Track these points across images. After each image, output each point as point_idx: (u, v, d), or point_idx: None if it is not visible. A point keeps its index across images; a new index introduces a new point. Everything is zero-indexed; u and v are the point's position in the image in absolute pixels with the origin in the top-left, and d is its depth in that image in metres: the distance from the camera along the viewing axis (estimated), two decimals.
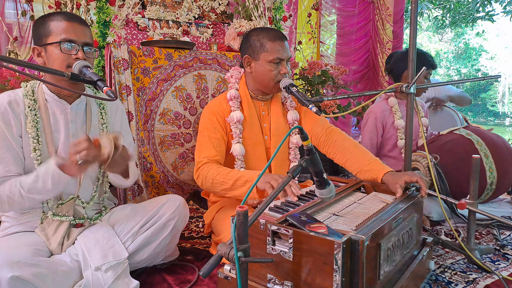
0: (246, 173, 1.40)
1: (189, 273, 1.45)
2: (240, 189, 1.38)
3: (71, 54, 1.20)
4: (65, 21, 1.20)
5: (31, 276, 1.02)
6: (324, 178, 1.11)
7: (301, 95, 1.46)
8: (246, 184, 1.37)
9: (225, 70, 2.27)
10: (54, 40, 1.19)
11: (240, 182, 1.38)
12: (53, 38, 1.19)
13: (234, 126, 1.56)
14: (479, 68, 15.68)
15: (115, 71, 1.89)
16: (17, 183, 1.15)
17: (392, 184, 1.31)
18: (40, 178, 1.12)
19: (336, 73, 2.92)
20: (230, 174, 1.41)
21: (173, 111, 2.11)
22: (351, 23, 3.68)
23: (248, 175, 1.38)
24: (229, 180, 1.40)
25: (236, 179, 1.38)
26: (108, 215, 1.40)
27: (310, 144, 1.04)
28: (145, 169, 2.04)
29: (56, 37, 1.19)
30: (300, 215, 1.06)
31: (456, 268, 1.44)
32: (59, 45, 1.18)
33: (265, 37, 1.53)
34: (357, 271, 0.92)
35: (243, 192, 1.37)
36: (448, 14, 8.79)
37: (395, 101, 2.25)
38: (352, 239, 0.91)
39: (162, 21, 2.51)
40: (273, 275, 1.03)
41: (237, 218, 0.86)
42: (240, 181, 1.38)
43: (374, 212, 1.16)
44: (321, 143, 1.61)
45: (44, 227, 1.25)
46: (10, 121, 1.19)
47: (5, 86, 1.63)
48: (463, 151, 1.96)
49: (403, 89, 1.52)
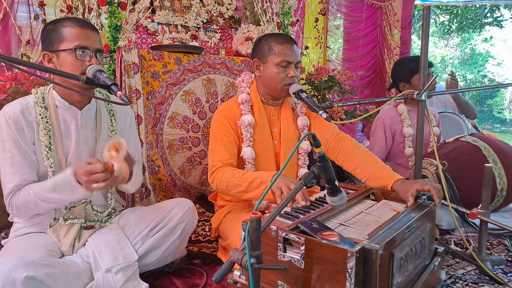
0: (261, 175, 1.39)
1: (197, 277, 1.44)
2: (255, 191, 1.38)
3: (84, 61, 1.21)
4: (77, 27, 1.22)
5: (45, 276, 1.03)
6: (336, 186, 1.10)
7: (311, 101, 1.46)
8: (261, 186, 1.36)
9: (233, 74, 2.28)
10: (67, 46, 1.20)
11: (255, 184, 1.38)
12: (67, 45, 1.20)
13: (245, 129, 1.57)
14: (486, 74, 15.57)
15: (125, 74, 1.91)
16: (31, 192, 1.16)
17: (403, 192, 1.30)
18: (58, 190, 1.13)
19: (343, 79, 2.92)
20: (245, 176, 1.40)
21: (182, 115, 2.12)
22: (358, 28, 3.68)
23: (262, 177, 1.37)
24: (243, 183, 1.39)
25: (251, 181, 1.38)
26: (117, 217, 1.40)
27: (323, 151, 1.04)
28: (153, 172, 2.05)
29: (70, 43, 1.20)
30: (311, 222, 1.06)
31: (468, 279, 1.43)
32: (74, 51, 1.19)
33: (274, 40, 1.54)
34: (369, 281, 0.91)
35: (258, 194, 1.37)
36: (455, 19, 8.77)
37: (405, 108, 2.24)
38: (365, 248, 0.91)
39: (171, 26, 2.53)
40: (284, 282, 1.03)
41: (250, 224, 0.86)
42: (255, 183, 1.38)
43: (386, 221, 1.16)
44: (330, 149, 1.61)
45: (55, 228, 1.26)
46: (24, 129, 1.20)
47: (19, 89, 1.65)
48: (470, 158, 1.94)
49: (414, 96, 1.51)
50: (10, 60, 0.96)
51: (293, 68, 1.53)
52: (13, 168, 1.18)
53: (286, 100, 1.68)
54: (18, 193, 1.17)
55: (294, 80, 1.54)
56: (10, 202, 1.18)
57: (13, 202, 1.17)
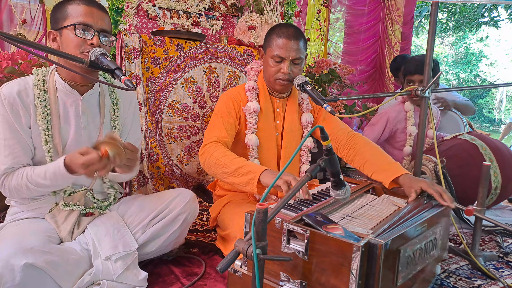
0: (251, 164, 1.36)
1: (195, 266, 1.45)
2: (240, 178, 1.34)
3: (86, 39, 1.16)
4: (83, 5, 1.17)
5: (44, 263, 1.02)
6: (341, 179, 1.10)
7: (316, 93, 1.45)
8: (247, 175, 1.32)
9: (235, 64, 2.25)
10: (69, 23, 1.15)
11: (242, 170, 1.34)
12: (69, 21, 1.15)
13: (250, 116, 1.55)
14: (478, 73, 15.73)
15: (125, 59, 1.87)
16: (24, 176, 1.14)
17: (407, 187, 1.31)
18: (48, 178, 1.12)
19: (343, 73, 2.91)
20: (236, 160, 1.37)
21: (182, 103, 2.09)
22: (360, 22, 3.66)
23: (252, 167, 1.34)
24: (232, 165, 1.36)
25: (240, 166, 1.34)
26: (117, 204, 1.39)
27: (330, 145, 1.03)
28: (151, 160, 2.03)
29: (72, 20, 1.15)
30: (315, 215, 1.06)
31: (461, 274, 1.46)
32: (74, 28, 1.14)
33: (276, 33, 1.51)
34: (373, 275, 0.92)
35: (242, 181, 1.33)
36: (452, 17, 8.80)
37: (412, 106, 2.20)
38: (370, 243, 0.92)
39: (173, 11, 2.47)
40: (286, 273, 1.03)
41: (256, 215, 0.86)
42: (243, 169, 1.34)
43: (387, 215, 1.17)
44: (340, 147, 1.59)
45: (54, 214, 1.23)
46: (19, 111, 1.16)
47: (15, 70, 1.59)
48: (467, 156, 1.97)
49: (418, 92, 1.52)
50: (11, 39, 0.93)
51: (288, 65, 1.48)
52: (5, 150, 1.15)
53: (293, 94, 1.66)
54: (12, 175, 1.16)
55: (288, 76, 1.50)
56: (3, 184, 1.16)
57: (6, 184, 1.16)
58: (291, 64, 1.50)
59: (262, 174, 1.30)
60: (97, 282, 1.17)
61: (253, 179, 1.30)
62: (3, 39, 0.89)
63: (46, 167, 1.14)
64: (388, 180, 1.38)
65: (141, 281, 1.23)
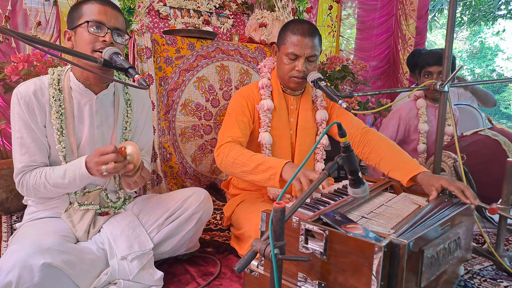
0: (270, 160, 1.34)
1: (210, 265, 1.43)
2: (261, 175, 1.32)
3: (98, 36, 1.15)
4: (97, 4, 1.17)
5: (62, 263, 1.02)
6: (359, 177, 1.07)
7: (330, 90, 1.41)
8: (268, 170, 1.30)
9: (247, 62, 2.23)
10: (83, 21, 1.15)
11: (262, 167, 1.32)
12: (83, 20, 1.16)
13: (264, 114, 1.53)
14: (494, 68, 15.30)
15: (138, 59, 1.87)
16: (43, 175, 1.16)
17: (427, 185, 1.26)
18: (67, 177, 1.14)
19: (356, 69, 2.85)
20: (254, 157, 1.36)
21: (194, 102, 2.08)
22: (373, 17, 3.58)
23: (272, 162, 1.32)
24: (251, 163, 1.34)
25: (259, 163, 1.33)
26: (131, 204, 1.39)
27: (348, 141, 1.00)
28: (165, 159, 2.03)
29: (86, 18, 1.15)
30: (334, 214, 1.03)
31: (486, 275, 1.41)
32: (87, 25, 1.14)
33: (290, 29, 1.48)
34: (395, 276, 0.89)
35: (263, 178, 1.32)
36: (467, 11, 8.58)
37: (424, 103, 2.13)
38: (393, 243, 0.88)
39: (183, 10, 2.47)
40: (305, 274, 1.01)
41: (274, 214, 0.84)
42: (263, 166, 1.32)
43: (408, 214, 1.13)
44: (355, 144, 1.56)
45: (70, 213, 1.24)
46: (35, 111, 1.17)
47: (31, 71, 1.61)
48: (489, 153, 1.90)
49: (437, 87, 1.47)
50: (27, 39, 0.93)
51: (302, 62, 1.45)
52: (22, 149, 1.16)
53: (307, 91, 1.63)
54: (29, 174, 1.17)
55: (303, 74, 1.47)
56: (21, 182, 1.17)
57: (24, 182, 1.17)
58: (306, 62, 1.47)
59: (283, 169, 1.28)
60: (114, 281, 1.17)
61: (275, 175, 1.29)
62: (20, 39, 0.89)
63: (65, 167, 1.15)
64: (405, 179, 1.34)
65: (157, 281, 1.22)
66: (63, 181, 1.14)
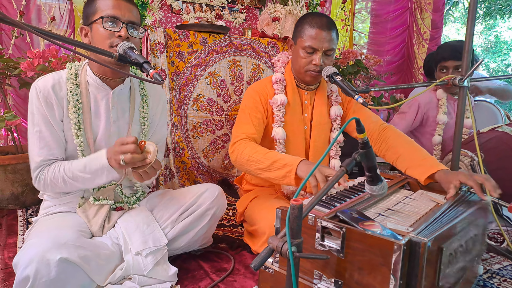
0: (285, 157, 1.33)
1: (224, 261, 1.43)
2: (277, 172, 1.31)
3: (113, 31, 1.15)
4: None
5: (78, 258, 1.02)
6: (377, 174, 1.05)
7: (346, 84, 1.38)
8: (283, 168, 1.30)
9: (259, 56, 2.21)
10: (98, 17, 1.15)
11: (277, 164, 1.31)
12: (98, 15, 1.16)
13: (277, 109, 1.51)
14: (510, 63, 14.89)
15: (151, 54, 1.87)
16: (61, 169, 1.16)
17: (445, 183, 1.23)
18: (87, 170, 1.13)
19: (370, 64, 2.81)
20: (269, 155, 1.35)
21: (206, 97, 2.07)
22: (387, 10, 3.51)
23: (287, 159, 1.31)
24: (266, 161, 1.33)
25: (275, 161, 1.32)
26: (145, 199, 1.39)
27: (366, 138, 0.98)
28: (177, 154, 2.03)
29: (101, 14, 1.16)
30: (351, 212, 1.02)
31: (505, 275, 1.37)
32: (102, 21, 1.14)
33: (308, 22, 1.45)
34: (415, 275, 0.87)
35: (278, 175, 1.31)
36: (482, 4, 8.35)
37: (444, 94, 2.10)
38: (412, 241, 0.86)
39: (196, 5, 2.45)
40: (321, 271, 0.99)
41: (291, 212, 0.83)
42: (278, 163, 1.31)
43: (426, 212, 1.11)
44: (373, 140, 1.53)
45: (85, 208, 1.25)
46: (53, 105, 1.18)
47: (46, 67, 1.62)
48: (508, 149, 1.85)
49: (456, 82, 1.43)
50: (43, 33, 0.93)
51: (320, 56, 1.43)
52: (41, 142, 1.17)
53: (322, 86, 1.61)
54: (48, 168, 1.17)
55: (320, 68, 1.45)
56: (38, 177, 1.18)
57: (42, 177, 1.17)
58: (323, 56, 1.44)
59: (299, 166, 1.26)
60: (129, 276, 1.18)
61: (290, 172, 1.27)
62: (37, 33, 0.89)
63: (85, 160, 1.15)
64: (423, 177, 1.31)
65: (171, 276, 1.23)
66: (83, 174, 1.14)
